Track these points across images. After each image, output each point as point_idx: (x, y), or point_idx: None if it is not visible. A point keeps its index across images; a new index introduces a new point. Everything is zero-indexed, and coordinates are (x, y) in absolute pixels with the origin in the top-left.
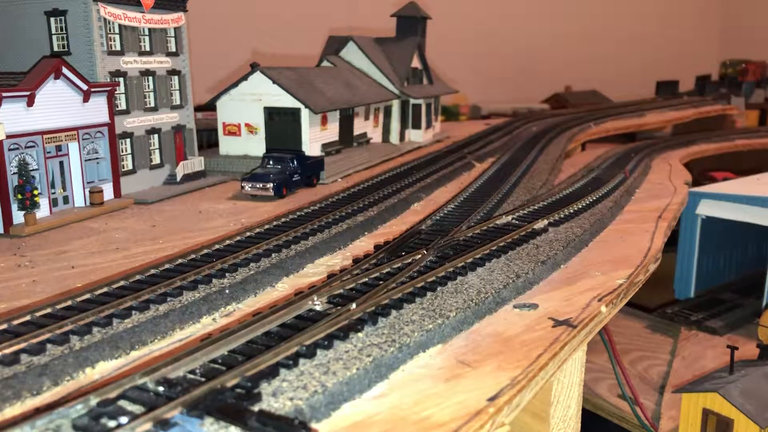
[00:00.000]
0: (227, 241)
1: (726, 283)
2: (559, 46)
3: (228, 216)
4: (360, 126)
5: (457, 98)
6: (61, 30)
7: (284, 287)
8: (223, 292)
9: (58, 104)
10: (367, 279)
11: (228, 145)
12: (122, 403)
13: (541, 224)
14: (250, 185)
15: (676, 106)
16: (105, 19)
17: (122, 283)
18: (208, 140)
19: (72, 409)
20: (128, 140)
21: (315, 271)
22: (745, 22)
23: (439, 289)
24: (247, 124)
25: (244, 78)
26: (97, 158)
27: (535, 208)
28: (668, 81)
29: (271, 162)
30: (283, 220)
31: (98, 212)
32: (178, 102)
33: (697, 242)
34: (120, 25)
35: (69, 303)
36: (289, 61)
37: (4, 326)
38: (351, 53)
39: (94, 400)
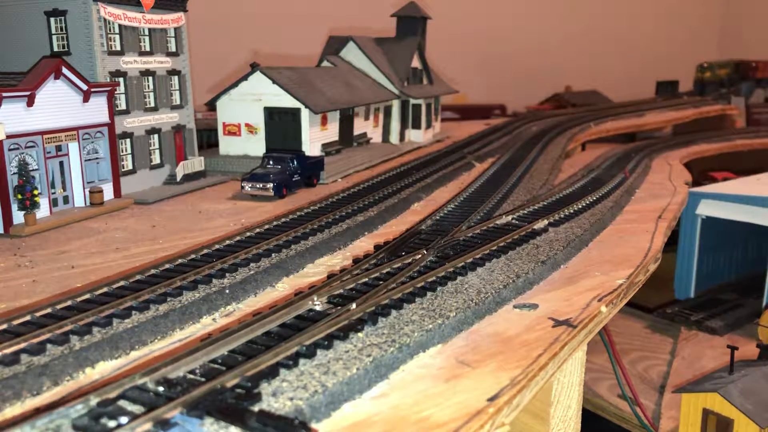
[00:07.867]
0: (227, 241)
1: (726, 283)
2: (559, 46)
3: (228, 216)
4: (360, 126)
5: (457, 98)
6: (61, 30)
7: (284, 287)
8: (223, 292)
9: (58, 104)
10: (367, 279)
11: (228, 145)
12: (122, 403)
13: (541, 224)
14: (250, 185)
15: (676, 106)
16: (105, 19)
17: (122, 283)
18: (208, 140)
19: (72, 409)
20: (128, 140)
21: (315, 271)
22: (745, 22)
23: (439, 289)
24: (247, 124)
25: (244, 78)
26: (97, 158)
27: (535, 208)
28: (668, 81)
29: (271, 162)
30: (283, 220)
31: (98, 212)
32: (178, 102)
33: (697, 242)
34: (120, 25)
35: (69, 303)
36: (289, 61)
37: (4, 326)
38: (351, 53)
39: (94, 400)
